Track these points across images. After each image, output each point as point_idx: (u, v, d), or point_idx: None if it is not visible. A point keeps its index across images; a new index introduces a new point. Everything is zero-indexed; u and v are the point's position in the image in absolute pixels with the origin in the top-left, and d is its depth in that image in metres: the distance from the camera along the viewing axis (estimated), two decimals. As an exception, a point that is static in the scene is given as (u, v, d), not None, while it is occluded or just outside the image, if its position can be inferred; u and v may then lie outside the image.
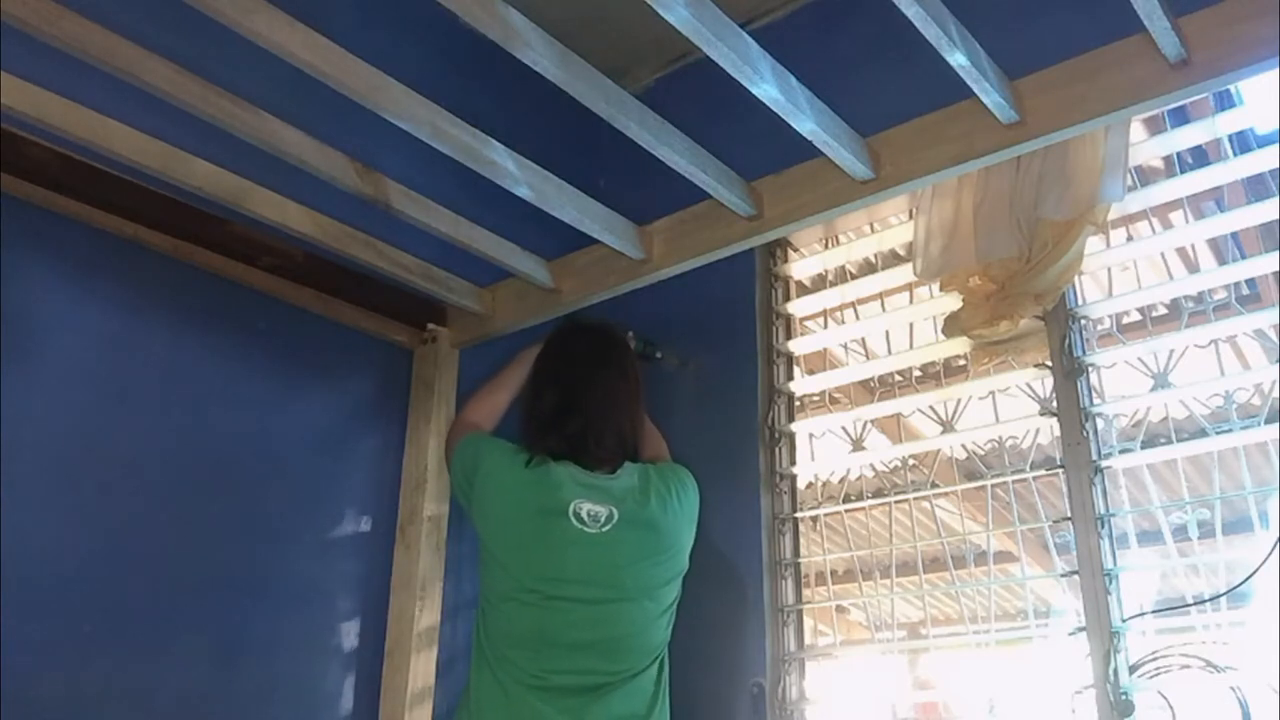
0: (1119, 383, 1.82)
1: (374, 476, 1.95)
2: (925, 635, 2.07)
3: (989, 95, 1.36)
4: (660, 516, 1.69)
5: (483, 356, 2.08)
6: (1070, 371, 1.79)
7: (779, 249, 2.31)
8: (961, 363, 2.06)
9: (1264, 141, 1.72)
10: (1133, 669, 1.60)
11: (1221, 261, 2.06)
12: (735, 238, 1.69)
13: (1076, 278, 1.80)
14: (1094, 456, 1.72)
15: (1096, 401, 1.77)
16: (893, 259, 2.20)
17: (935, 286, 1.98)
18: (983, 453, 2.30)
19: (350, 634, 1.84)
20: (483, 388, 1.96)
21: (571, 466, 1.69)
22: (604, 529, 1.64)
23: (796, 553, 2.06)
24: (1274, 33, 1.22)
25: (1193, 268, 2.16)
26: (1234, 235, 1.84)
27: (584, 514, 1.64)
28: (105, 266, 1.63)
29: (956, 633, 2.15)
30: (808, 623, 2.05)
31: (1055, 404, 1.80)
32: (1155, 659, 1.59)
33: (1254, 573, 1.53)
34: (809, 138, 1.46)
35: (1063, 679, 1.67)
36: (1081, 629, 1.64)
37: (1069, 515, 1.72)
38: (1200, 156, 1.87)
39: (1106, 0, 1.32)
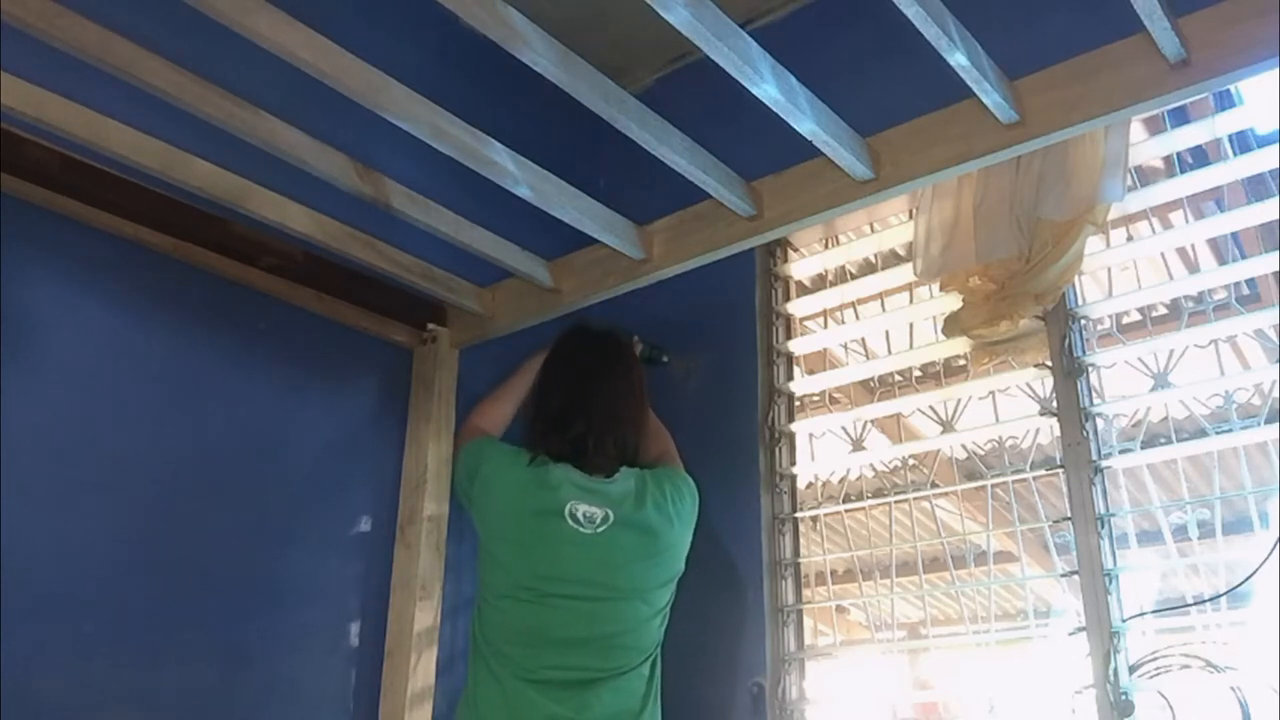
0: (1119, 383, 1.83)
1: (374, 476, 1.95)
2: (925, 635, 2.07)
3: (989, 95, 1.36)
4: (655, 520, 1.71)
5: (483, 356, 2.08)
6: (1070, 371, 1.78)
7: (779, 249, 2.31)
8: (961, 363, 2.06)
9: (1264, 141, 1.72)
10: (1133, 669, 1.60)
11: (1221, 261, 2.06)
12: (735, 238, 1.69)
13: (1076, 278, 1.80)
14: (1094, 456, 1.72)
15: (1096, 401, 1.77)
16: (893, 259, 2.20)
17: (935, 286, 1.98)
18: (983, 453, 2.30)
19: (350, 634, 1.83)
20: (490, 393, 1.98)
21: (570, 469, 1.72)
22: (599, 530, 1.67)
23: (796, 553, 2.06)
24: (1274, 33, 1.22)
25: (1193, 268, 2.15)
26: (1234, 235, 1.84)
27: (579, 515, 1.67)
28: (105, 266, 1.63)
29: (956, 633, 2.15)
30: (808, 623, 2.05)
31: (1055, 404, 1.80)
32: (1155, 659, 1.59)
33: (1254, 573, 1.53)
34: (809, 138, 1.46)
35: (1063, 679, 1.67)
36: (1081, 629, 1.64)
37: (1069, 515, 1.72)
38: (1200, 156, 1.87)
39: (1106, 0, 1.32)
